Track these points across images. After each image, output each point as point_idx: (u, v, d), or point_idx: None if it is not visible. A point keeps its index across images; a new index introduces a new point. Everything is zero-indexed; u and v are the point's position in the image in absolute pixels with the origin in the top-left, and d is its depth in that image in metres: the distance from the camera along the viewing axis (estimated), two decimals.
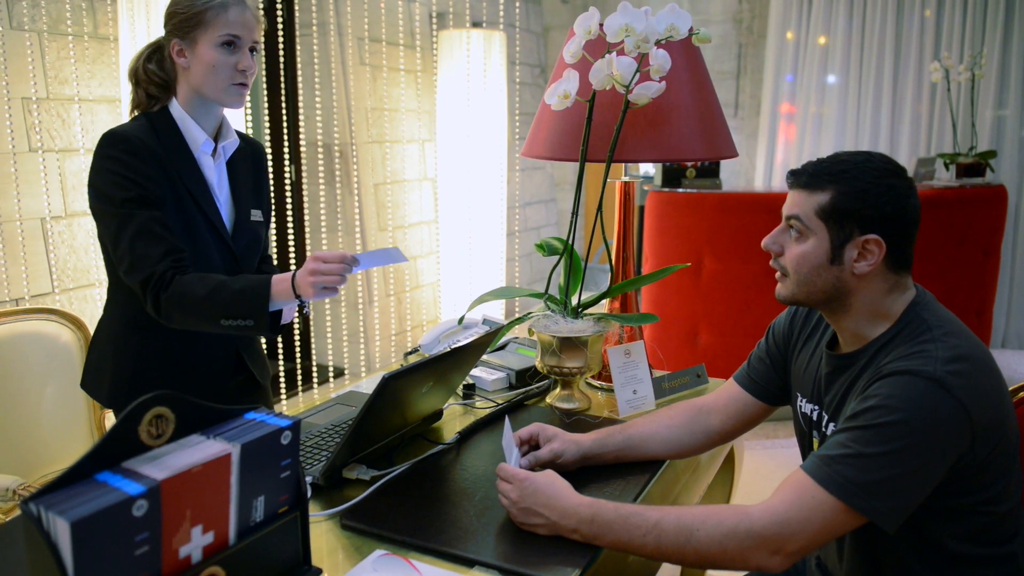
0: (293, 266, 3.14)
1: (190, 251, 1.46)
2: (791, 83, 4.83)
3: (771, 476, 2.93)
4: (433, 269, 4.13)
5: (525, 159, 4.78)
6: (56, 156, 2.42)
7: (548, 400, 1.65)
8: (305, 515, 0.95)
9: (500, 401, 1.65)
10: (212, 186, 1.54)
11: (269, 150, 2.69)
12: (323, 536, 1.12)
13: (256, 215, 1.62)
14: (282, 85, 3.32)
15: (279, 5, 2.96)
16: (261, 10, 1.52)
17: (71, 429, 1.90)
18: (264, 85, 3.00)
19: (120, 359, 1.55)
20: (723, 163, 4.15)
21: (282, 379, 3.14)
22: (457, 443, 1.43)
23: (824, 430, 1.20)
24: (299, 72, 3.41)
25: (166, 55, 1.49)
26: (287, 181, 3.42)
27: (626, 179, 1.76)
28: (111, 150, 1.42)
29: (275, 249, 3.30)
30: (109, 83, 2.55)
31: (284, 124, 3.24)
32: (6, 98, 2.29)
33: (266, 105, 2.97)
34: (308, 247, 3.47)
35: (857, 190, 1.09)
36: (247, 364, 1.66)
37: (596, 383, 1.78)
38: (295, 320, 3.15)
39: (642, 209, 3.59)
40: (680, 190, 3.55)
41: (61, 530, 0.69)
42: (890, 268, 1.11)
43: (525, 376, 1.75)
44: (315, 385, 3.54)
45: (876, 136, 4.67)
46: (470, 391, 1.68)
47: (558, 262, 1.63)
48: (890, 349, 1.09)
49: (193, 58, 1.46)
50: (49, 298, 2.42)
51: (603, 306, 1.75)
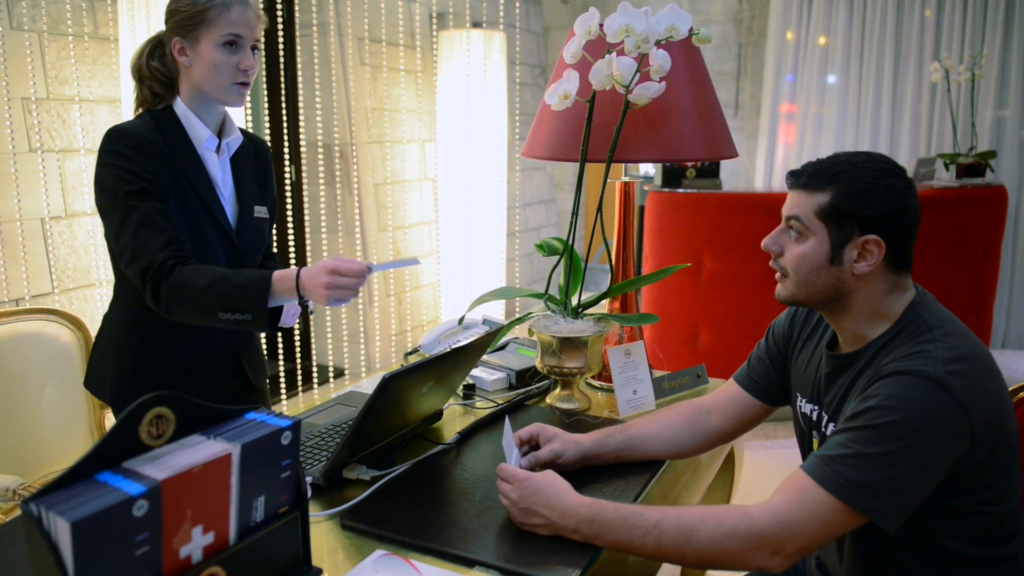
0: (292, 266, 3.14)
1: (194, 247, 1.46)
2: (791, 83, 4.83)
3: (771, 476, 2.93)
4: (433, 269, 4.13)
5: (525, 159, 4.78)
6: (56, 156, 2.42)
7: (548, 400, 1.65)
8: (305, 515, 0.95)
9: (500, 401, 1.65)
10: (216, 182, 1.54)
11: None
12: (323, 536, 1.12)
13: (260, 211, 1.62)
14: (282, 85, 3.32)
15: (279, 5, 2.97)
16: (261, 8, 1.52)
17: (71, 429, 1.90)
18: (264, 85, 3.00)
19: (122, 357, 1.55)
20: (723, 163, 4.15)
21: (282, 379, 3.14)
22: (457, 443, 1.43)
23: (824, 430, 1.20)
24: (299, 72, 3.41)
25: (167, 52, 1.49)
26: (287, 181, 3.42)
27: (626, 179, 1.76)
28: (115, 145, 1.43)
29: (275, 249, 3.29)
30: (109, 83, 2.55)
31: (284, 124, 3.24)
32: (6, 98, 2.29)
33: (266, 105, 2.97)
34: (308, 247, 3.47)
35: (857, 190, 1.09)
36: (244, 366, 1.66)
37: (596, 383, 1.78)
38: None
39: (642, 209, 3.59)
40: (680, 190, 3.55)
41: (62, 530, 0.69)
42: (890, 268, 1.12)
43: (525, 376, 1.76)
44: (315, 385, 3.54)
45: (876, 136, 4.67)
46: (470, 391, 1.68)
47: (558, 262, 1.63)
48: (890, 349, 1.09)
49: (195, 57, 1.45)
50: (49, 298, 2.42)
51: (603, 306, 1.75)
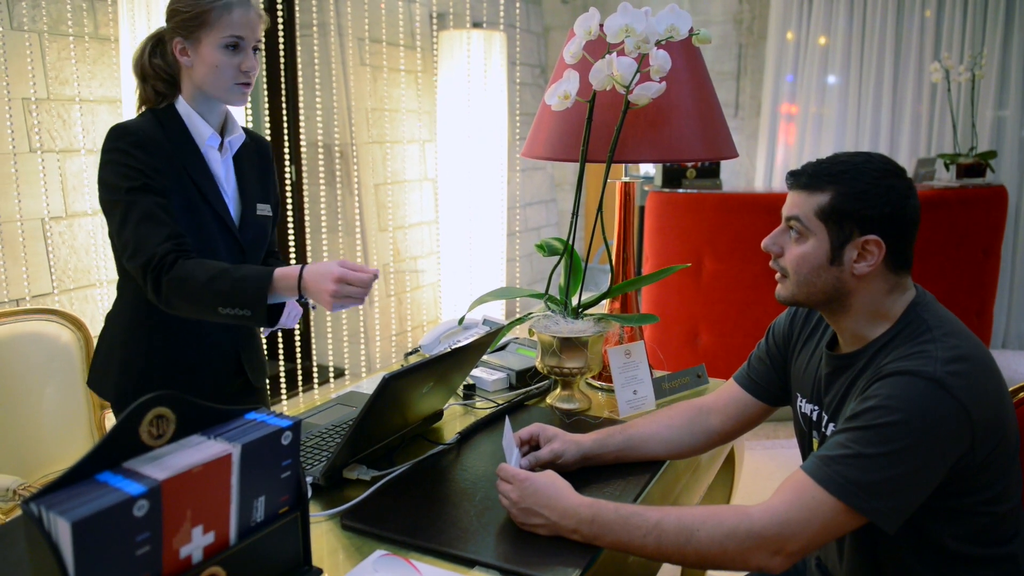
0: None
1: (197, 244, 1.45)
2: (791, 83, 4.83)
3: (771, 476, 2.93)
4: (433, 269, 4.13)
5: (525, 159, 4.78)
6: (57, 157, 2.42)
7: (548, 400, 1.65)
8: (306, 515, 0.95)
9: (500, 401, 1.65)
10: (219, 180, 1.54)
11: None
12: (323, 536, 1.12)
13: (263, 209, 1.62)
14: (282, 85, 3.32)
15: (279, 5, 2.97)
16: (261, 7, 1.52)
17: (71, 429, 1.90)
18: (264, 85, 3.00)
19: (126, 357, 1.55)
20: (723, 163, 4.14)
21: (282, 379, 3.14)
22: (457, 443, 1.43)
23: (824, 430, 1.20)
24: (299, 72, 3.41)
25: (168, 52, 1.49)
26: (287, 181, 3.43)
27: (626, 179, 1.76)
28: (118, 143, 1.43)
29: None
30: (110, 83, 2.55)
31: (284, 124, 3.24)
32: (7, 99, 2.29)
33: (266, 105, 2.97)
34: (308, 247, 3.47)
35: (857, 191, 1.09)
36: (244, 368, 1.66)
37: (596, 383, 1.78)
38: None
39: (642, 209, 3.59)
40: (680, 190, 3.55)
41: (62, 530, 0.69)
42: (890, 268, 1.12)
43: (525, 376, 1.76)
44: (315, 385, 3.54)
45: (876, 136, 4.67)
46: (470, 391, 1.68)
47: (558, 262, 1.63)
48: (890, 349, 1.09)
49: (196, 58, 1.45)
50: (49, 299, 2.42)
51: (603, 306, 1.75)
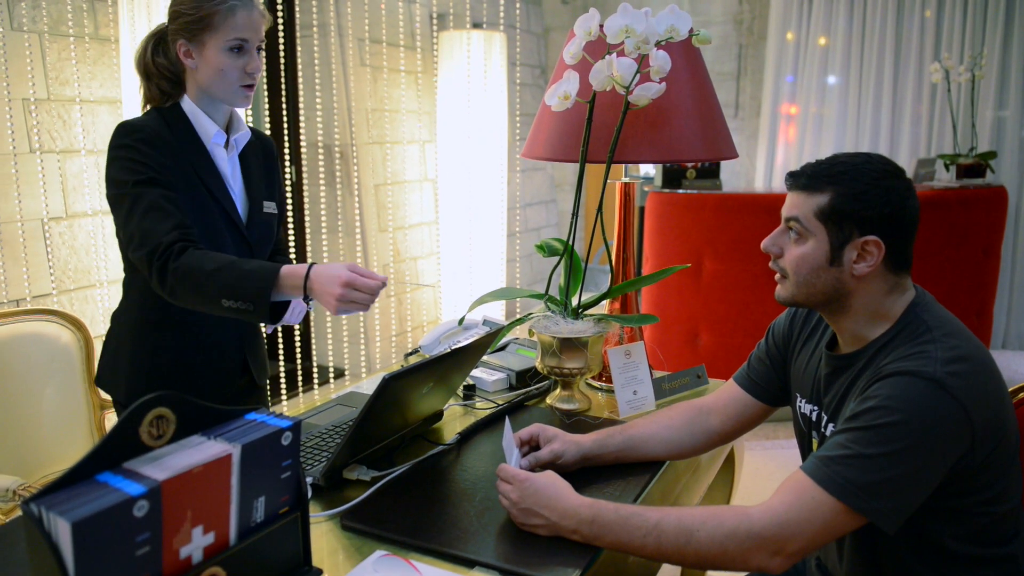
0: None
1: (205, 241, 1.45)
2: (791, 84, 4.83)
3: (771, 477, 2.93)
4: (433, 270, 4.13)
5: (525, 160, 4.77)
6: (57, 157, 2.42)
7: (548, 401, 1.65)
8: (306, 516, 0.95)
9: (500, 402, 1.65)
10: (226, 178, 1.54)
11: None
12: (323, 537, 1.12)
13: (269, 207, 1.62)
14: (282, 86, 3.33)
15: (279, 6, 2.97)
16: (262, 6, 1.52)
17: (71, 430, 1.91)
18: (265, 86, 3.00)
19: (135, 356, 1.55)
20: (723, 164, 4.15)
21: (282, 380, 3.14)
22: (457, 444, 1.43)
23: (823, 431, 1.20)
24: (300, 73, 3.42)
25: (172, 51, 1.49)
26: (288, 182, 3.43)
27: (626, 180, 1.76)
28: (124, 139, 1.43)
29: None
30: (110, 84, 2.55)
31: (285, 125, 3.24)
32: (7, 99, 2.29)
33: (267, 106, 2.97)
34: (308, 247, 3.47)
35: (856, 191, 1.09)
36: (249, 366, 1.66)
37: (596, 384, 1.78)
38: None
39: (642, 210, 3.59)
40: (680, 191, 3.55)
41: (62, 530, 0.69)
42: (889, 269, 1.12)
43: (525, 377, 1.76)
44: (315, 386, 3.54)
45: (876, 137, 4.67)
46: (470, 392, 1.68)
47: (558, 263, 1.63)
48: (890, 350, 1.09)
49: (200, 60, 1.45)
50: (48, 299, 2.42)
51: (603, 307, 1.75)
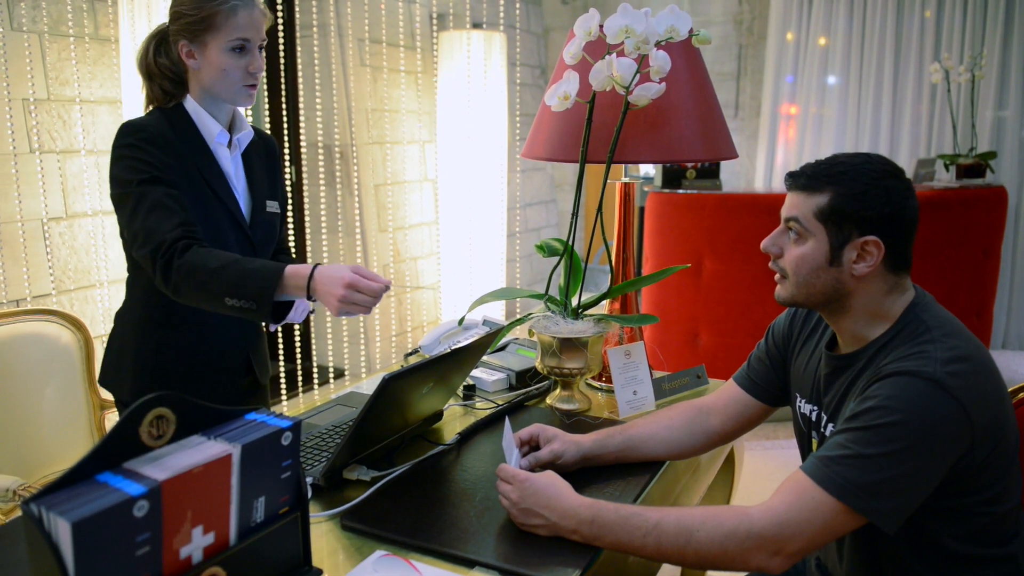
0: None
1: (209, 240, 1.44)
2: (791, 84, 4.84)
3: (771, 477, 2.93)
4: (433, 270, 4.13)
5: (525, 160, 4.77)
6: (57, 157, 2.42)
7: (548, 401, 1.65)
8: (306, 516, 0.95)
9: (500, 402, 1.65)
10: (229, 177, 1.54)
11: None
12: (323, 537, 1.12)
13: (272, 206, 1.63)
14: (282, 86, 3.33)
15: (279, 6, 2.97)
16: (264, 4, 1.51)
17: (71, 430, 1.91)
18: (265, 86, 3.00)
19: (140, 356, 1.55)
20: (723, 164, 4.15)
21: (282, 380, 3.14)
22: (457, 444, 1.43)
23: (823, 431, 1.20)
24: (299, 73, 3.42)
25: (173, 52, 1.49)
26: (288, 182, 3.43)
27: (626, 180, 1.77)
28: (128, 139, 1.43)
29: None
30: (110, 84, 2.55)
31: (284, 125, 3.24)
32: (7, 99, 2.29)
33: (267, 106, 2.98)
34: (308, 248, 3.47)
35: (855, 192, 1.09)
36: (252, 365, 1.66)
37: (596, 384, 1.78)
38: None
39: (642, 210, 3.59)
40: (680, 191, 3.55)
41: (62, 531, 0.69)
42: (889, 269, 1.12)
43: (525, 377, 1.76)
44: (315, 386, 3.54)
45: (876, 137, 4.67)
46: (470, 392, 1.68)
47: (558, 263, 1.63)
48: (889, 350, 1.09)
49: (203, 61, 1.45)
50: (48, 300, 2.42)
51: (603, 307, 1.75)
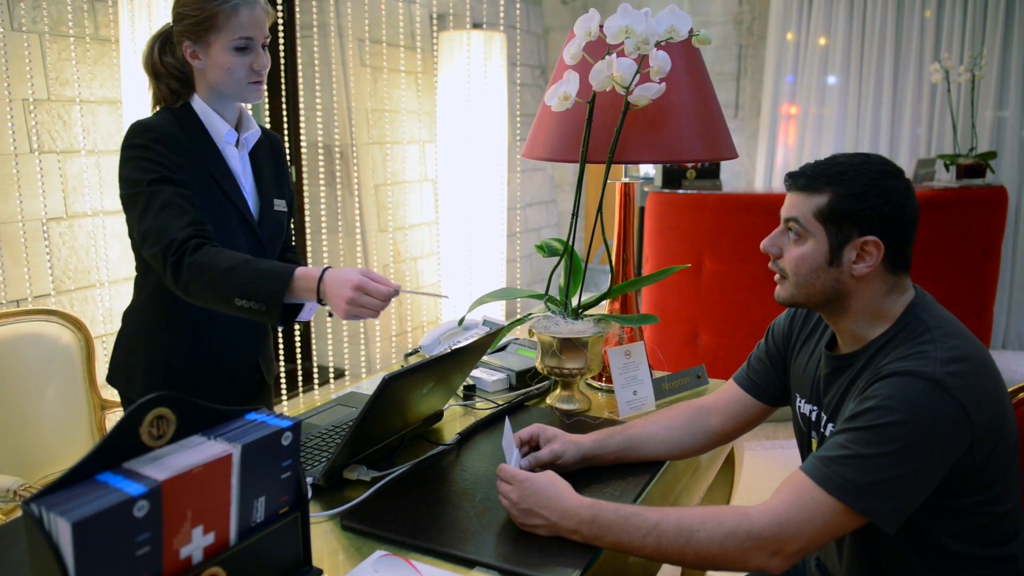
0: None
1: (219, 239, 1.44)
2: (791, 84, 4.84)
3: (771, 477, 2.93)
4: (433, 270, 4.14)
5: (525, 160, 4.78)
6: (57, 158, 2.42)
7: (548, 401, 1.65)
8: (306, 516, 0.95)
9: (500, 402, 1.65)
10: (237, 176, 1.54)
11: None
12: (324, 537, 1.12)
13: (279, 204, 1.63)
14: (283, 86, 3.33)
15: (279, 6, 2.97)
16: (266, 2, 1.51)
17: (72, 430, 1.91)
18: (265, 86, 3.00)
19: (151, 354, 1.55)
20: (723, 164, 4.15)
21: (282, 380, 3.14)
22: (457, 444, 1.43)
23: (823, 431, 1.20)
24: (300, 73, 3.42)
25: (178, 53, 1.49)
26: None
27: (626, 180, 1.77)
28: (138, 139, 1.43)
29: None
30: (110, 84, 2.55)
31: (285, 125, 3.24)
32: (7, 99, 2.29)
33: (267, 106, 2.98)
34: (308, 248, 3.47)
35: (855, 192, 1.09)
36: (259, 363, 1.67)
37: (596, 384, 1.78)
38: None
39: (642, 210, 3.59)
40: (680, 191, 3.55)
41: (62, 531, 0.69)
42: (889, 269, 1.12)
43: (525, 377, 1.76)
44: (316, 386, 3.54)
45: (876, 137, 4.67)
46: (470, 392, 1.68)
47: (558, 263, 1.63)
48: (889, 350, 1.09)
49: (207, 60, 1.45)
50: (47, 300, 2.42)
51: (603, 307, 1.75)
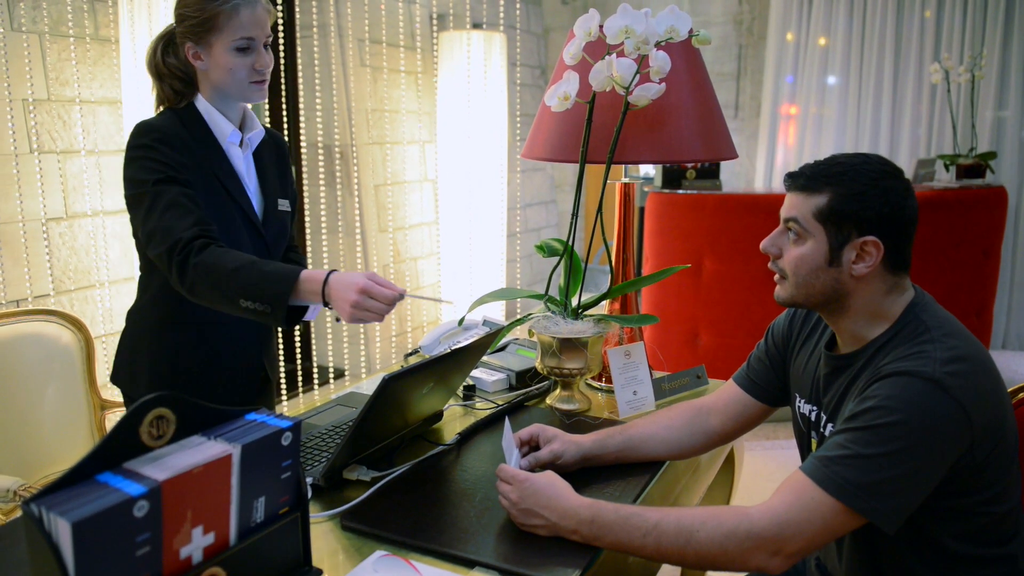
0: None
1: (223, 239, 1.44)
2: (791, 84, 4.84)
3: (771, 477, 2.93)
4: (433, 270, 4.14)
5: (525, 160, 4.78)
6: (57, 158, 2.42)
7: (548, 401, 1.65)
8: (305, 516, 0.95)
9: (500, 402, 1.65)
10: (242, 176, 1.54)
11: None
12: (323, 537, 1.12)
13: (283, 204, 1.63)
14: (283, 86, 3.33)
15: (279, 6, 2.97)
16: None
17: (72, 430, 1.91)
18: None
19: (156, 354, 1.55)
20: (723, 164, 4.15)
21: (282, 380, 3.14)
22: (457, 444, 1.43)
23: (822, 431, 1.20)
24: (300, 73, 3.42)
25: (181, 54, 1.49)
26: None
27: (626, 180, 1.77)
28: (143, 139, 1.43)
29: None
30: (110, 85, 2.55)
31: (284, 125, 3.24)
32: (7, 100, 2.29)
33: (267, 106, 2.98)
34: (308, 248, 3.47)
35: (854, 192, 1.09)
36: (264, 362, 1.67)
37: (596, 384, 1.78)
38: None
39: (642, 210, 3.59)
40: (680, 191, 3.55)
41: (62, 531, 0.69)
42: (888, 269, 1.12)
43: (525, 377, 1.76)
44: (315, 386, 3.54)
45: (876, 137, 4.67)
46: (470, 392, 1.68)
47: (558, 263, 1.63)
48: (888, 350, 1.09)
49: (210, 61, 1.45)
50: (47, 300, 2.42)
51: (603, 307, 1.75)
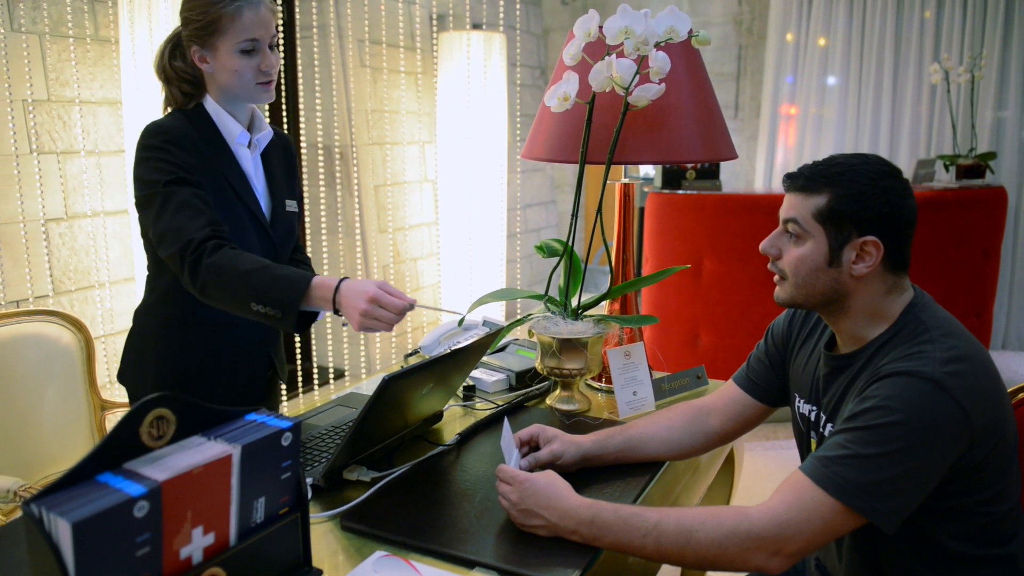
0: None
1: (232, 240, 1.43)
2: (791, 85, 4.84)
3: (771, 477, 2.93)
4: (433, 271, 4.14)
5: (525, 161, 4.78)
6: (57, 158, 2.43)
7: (548, 401, 1.65)
8: (306, 516, 0.95)
9: (500, 402, 1.65)
10: (250, 177, 1.54)
11: None
12: (323, 537, 1.12)
13: (291, 205, 1.63)
14: (282, 87, 3.33)
15: (279, 7, 2.97)
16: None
17: (72, 430, 1.91)
18: None
19: (163, 354, 1.55)
20: (723, 164, 4.15)
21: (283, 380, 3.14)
22: (457, 444, 1.43)
23: (822, 431, 1.20)
24: (299, 74, 3.42)
25: (188, 57, 1.49)
26: None
27: (626, 181, 1.77)
28: (153, 140, 1.43)
29: None
30: (110, 85, 2.55)
31: (285, 126, 3.24)
32: (7, 100, 2.29)
33: (267, 107, 2.97)
34: (309, 248, 3.47)
35: (854, 192, 1.09)
36: (273, 360, 1.68)
37: (596, 384, 1.78)
38: None
39: (642, 211, 3.59)
40: (680, 192, 3.55)
41: (62, 531, 0.69)
42: (888, 269, 1.12)
43: (525, 377, 1.76)
44: (316, 386, 3.54)
45: (876, 138, 4.67)
46: (470, 392, 1.68)
47: (558, 264, 1.63)
48: (888, 350, 1.09)
49: (215, 64, 1.46)
50: (47, 300, 2.42)
51: (603, 307, 1.76)
